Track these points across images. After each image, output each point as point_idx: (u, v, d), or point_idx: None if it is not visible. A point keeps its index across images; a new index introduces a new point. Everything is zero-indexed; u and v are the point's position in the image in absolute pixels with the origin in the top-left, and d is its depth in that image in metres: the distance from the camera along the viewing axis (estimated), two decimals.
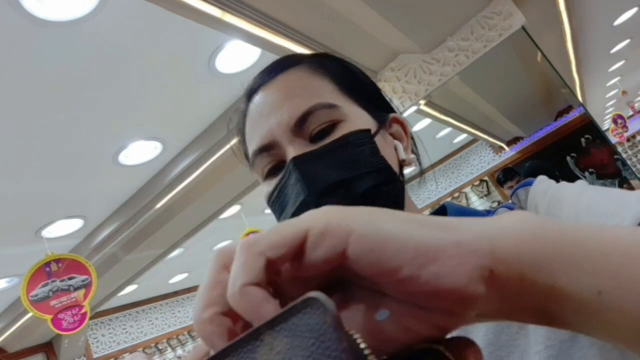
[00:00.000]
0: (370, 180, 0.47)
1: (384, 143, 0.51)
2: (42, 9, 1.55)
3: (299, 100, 0.49)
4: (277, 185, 0.50)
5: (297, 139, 0.49)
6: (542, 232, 0.22)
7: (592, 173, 2.67)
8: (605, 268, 0.21)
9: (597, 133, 2.67)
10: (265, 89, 0.52)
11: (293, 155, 0.47)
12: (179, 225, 3.37)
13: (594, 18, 3.76)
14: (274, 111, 0.49)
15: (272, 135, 0.49)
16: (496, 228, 0.22)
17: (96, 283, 2.73)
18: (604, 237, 0.22)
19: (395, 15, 2.02)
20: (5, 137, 2.07)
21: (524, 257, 0.21)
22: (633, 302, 0.20)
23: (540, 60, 2.48)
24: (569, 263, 0.21)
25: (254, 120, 0.52)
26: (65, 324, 2.64)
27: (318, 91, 0.50)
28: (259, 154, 0.51)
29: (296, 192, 0.47)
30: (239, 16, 1.64)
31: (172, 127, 2.55)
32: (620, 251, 0.22)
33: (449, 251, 0.20)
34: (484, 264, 0.21)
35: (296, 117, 0.48)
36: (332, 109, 0.49)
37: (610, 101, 7.97)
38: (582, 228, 0.23)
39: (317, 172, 0.47)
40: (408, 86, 2.50)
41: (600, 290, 0.21)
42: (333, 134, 0.48)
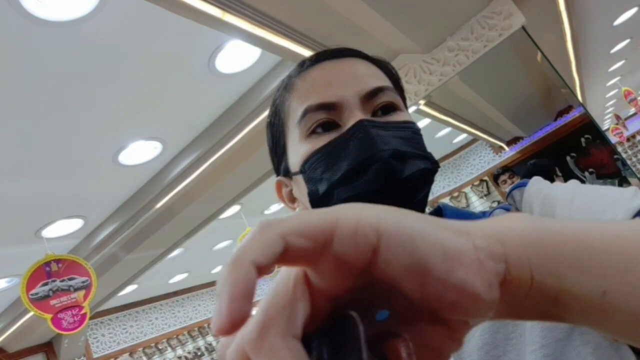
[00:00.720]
0: (428, 164, 0.51)
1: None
2: (42, 9, 1.55)
3: (372, 79, 0.53)
4: (332, 141, 0.49)
5: (363, 109, 0.51)
6: (546, 235, 0.22)
7: (592, 173, 2.67)
8: (608, 267, 0.22)
9: (597, 133, 2.67)
10: (337, 62, 0.55)
11: (362, 118, 0.49)
12: (179, 225, 3.37)
13: (594, 18, 3.76)
14: (347, 79, 0.52)
15: (340, 98, 0.51)
16: (505, 230, 0.22)
17: (96, 285, 2.73)
18: (604, 235, 0.23)
19: (395, 15, 2.02)
20: (5, 137, 2.07)
21: (533, 261, 0.21)
22: (636, 300, 0.21)
23: (540, 60, 2.48)
24: (573, 266, 0.21)
25: (322, 80, 0.53)
26: (65, 323, 2.64)
27: (385, 80, 0.56)
28: (318, 109, 0.51)
29: (361, 149, 0.47)
30: (239, 16, 1.64)
31: (172, 127, 2.55)
32: (621, 249, 0.22)
33: (470, 255, 0.20)
34: (499, 269, 0.21)
35: (368, 89, 0.51)
36: (397, 95, 0.55)
37: (611, 101, 7.97)
38: (583, 227, 0.23)
39: (386, 137, 0.49)
40: (408, 86, 2.50)
41: (605, 290, 0.21)
42: (393, 115, 0.52)
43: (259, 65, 2.35)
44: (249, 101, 2.48)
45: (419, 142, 0.52)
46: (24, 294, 2.54)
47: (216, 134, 2.64)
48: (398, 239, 0.19)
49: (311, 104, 0.51)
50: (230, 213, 3.88)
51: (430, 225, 0.21)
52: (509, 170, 3.08)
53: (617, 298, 0.21)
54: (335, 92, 0.51)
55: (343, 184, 0.48)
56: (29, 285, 2.57)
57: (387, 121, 0.51)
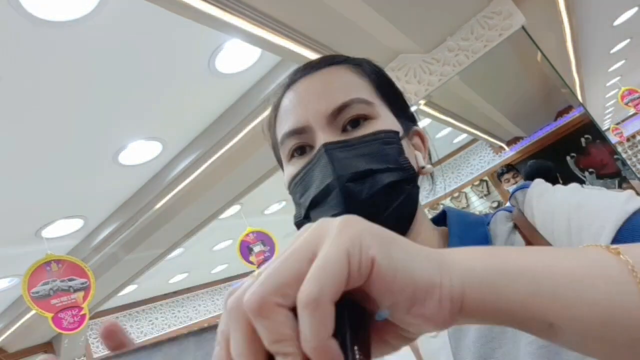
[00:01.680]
0: (394, 175, 0.50)
1: (407, 149, 0.54)
2: (42, 9, 1.55)
3: (338, 93, 0.52)
4: (303, 168, 0.52)
5: (329, 128, 0.51)
6: (501, 276, 0.25)
7: (592, 173, 2.67)
8: (555, 303, 0.25)
9: (597, 133, 2.67)
10: (308, 79, 0.55)
11: (325, 141, 0.50)
12: (179, 225, 3.37)
13: (594, 18, 3.76)
14: (313, 100, 0.53)
15: (307, 121, 0.52)
16: (468, 271, 0.26)
17: (94, 287, 2.73)
18: (555, 273, 0.26)
19: (395, 15, 2.02)
20: (5, 137, 2.07)
21: (487, 300, 0.25)
22: (581, 329, 0.25)
23: (540, 60, 2.48)
24: (523, 303, 0.25)
25: (292, 105, 0.54)
26: (66, 323, 2.64)
27: (357, 88, 0.54)
28: (291, 135, 0.53)
29: (323, 175, 0.49)
30: (239, 16, 1.64)
31: (172, 127, 2.55)
32: (569, 287, 0.25)
33: (435, 294, 0.24)
34: (455, 307, 0.25)
35: (333, 107, 0.51)
36: (367, 105, 0.52)
37: (611, 101, 7.97)
38: (536, 264, 0.26)
39: (346, 159, 0.49)
40: (408, 86, 2.50)
41: (552, 323, 0.25)
42: (364, 127, 0.52)
43: (259, 65, 2.35)
44: (249, 101, 2.48)
45: (387, 154, 0.51)
46: (25, 292, 2.55)
47: (216, 134, 2.64)
48: (384, 273, 0.24)
49: (285, 131, 0.53)
50: (230, 213, 3.88)
51: (414, 258, 0.25)
52: (513, 169, 3.07)
53: (563, 329, 0.25)
54: (303, 116, 0.52)
55: (313, 209, 0.51)
56: (30, 284, 2.58)
57: (351, 138, 0.51)
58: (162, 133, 2.56)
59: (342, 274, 0.23)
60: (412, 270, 0.24)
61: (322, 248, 0.24)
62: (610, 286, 0.25)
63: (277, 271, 0.23)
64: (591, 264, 0.27)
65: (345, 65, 0.56)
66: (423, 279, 0.24)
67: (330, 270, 0.22)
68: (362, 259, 0.23)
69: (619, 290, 0.25)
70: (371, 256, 0.24)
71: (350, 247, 0.23)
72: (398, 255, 0.24)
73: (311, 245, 0.24)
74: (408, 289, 0.24)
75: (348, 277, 0.23)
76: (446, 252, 0.27)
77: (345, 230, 0.24)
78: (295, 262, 0.24)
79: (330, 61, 0.57)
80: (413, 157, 0.55)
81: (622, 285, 0.25)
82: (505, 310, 0.25)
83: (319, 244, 0.24)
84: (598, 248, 0.28)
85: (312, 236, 0.25)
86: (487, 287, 0.25)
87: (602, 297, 0.25)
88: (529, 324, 0.25)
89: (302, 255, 0.24)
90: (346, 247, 0.23)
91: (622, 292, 0.25)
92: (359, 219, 0.26)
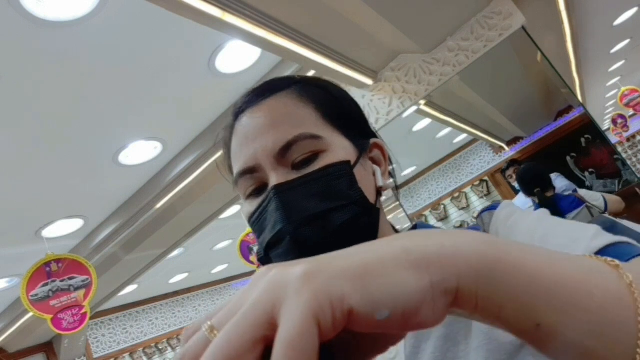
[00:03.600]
0: (347, 212, 0.49)
1: (363, 172, 0.53)
2: (42, 9, 1.55)
3: (285, 129, 0.51)
4: (258, 208, 0.52)
5: (279, 166, 0.51)
6: (496, 268, 0.24)
7: (593, 173, 2.67)
8: (546, 304, 0.24)
9: (597, 133, 2.67)
10: (253, 112, 0.54)
11: (275, 183, 0.49)
12: (179, 225, 3.37)
13: (594, 18, 3.76)
14: (260, 136, 0.51)
15: (257, 160, 0.51)
16: (463, 262, 0.24)
17: (96, 283, 2.73)
18: (550, 272, 0.25)
19: (395, 15, 2.02)
20: (5, 137, 2.07)
21: (480, 292, 0.24)
22: (568, 335, 0.24)
23: (540, 60, 2.48)
24: (514, 299, 0.24)
25: (240, 141, 0.53)
26: (65, 323, 2.64)
27: (303, 120, 0.52)
28: (243, 175, 0.53)
29: (275, 220, 0.49)
30: (239, 16, 1.64)
31: (172, 127, 2.55)
32: (561, 289, 0.24)
33: (427, 297, 0.23)
34: (449, 300, 0.24)
35: (280, 145, 0.50)
36: (315, 140, 0.51)
37: (611, 101, 7.97)
38: (532, 262, 0.25)
39: (296, 202, 0.48)
40: (408, 86, 2.50)
41: (539, 323, 0.24)
42: (315, 163, 0.50)
43: (259, 65, 2.35)
44: None
45: (338, 189, 0.49)
46: (24, 295, 2.54)
47: (217, 134, 2.64)
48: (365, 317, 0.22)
49: (238, 171, 0.53)
50: (230, 213, 3.88)
51: (394, 277, 0.23)
52: (518, 164, 3.05)
53: (550, 331, 0.24)
54: (252, 154, 0.51)
55: (271, 251, 0.51)
56: (29, 286, 2.58)
57: (300, 177, 0.50)
58: (162, 133, 2.56)
59: (314, 344, 0.21)
60: (396, 295, 0.23)
61: (283, 313, 0.21)
62: (606, 297, 0.24)
63: (231, 338, 0.21)
64: (590, 272, 0.26)
65: (289, 92, 0.54)
66: (411, 297, 0.23)
67: (300, 345, 0.20)
68: (336, 315, 0.22)
69: (614, 302, 0.24)
70: (347, 308, 0.22)
71: (318, 308, 0.21)
72: (376, 288, 0.23)
73: (268, 306, 0.22)
74: (397, 312, 0.22)
75: (320, 339, 0.21)
76: (436, 238, 0.25)
77: (307, 286, 0.22)
78: (251, 327, 0.21)
79: (274, 88, 0.55)
80: (370, 178, 0.54)
81: (618, 298, 0.25)
82: (497, 304, 0.24)
83: (276, 304, 0.22)
84: (597, 259, 0.28)
85: (268, 294, 0.22)
86: (482, 278, 0.24)
87: (597, 306, 0.24)
88: (517, 322, 0.24)
89: (259, 319, 0.22)
90: (313, 311, 0.21)
91: (618, 306, 0.24)
92: (320, 264, 0.23)
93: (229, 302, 0.24)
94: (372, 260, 0.24)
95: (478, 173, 4.99)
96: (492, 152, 4.81)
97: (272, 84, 0.56)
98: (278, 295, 0.22)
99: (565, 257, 0.27)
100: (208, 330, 0.23)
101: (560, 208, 2.21)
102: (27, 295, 2.56)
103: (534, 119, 3.08)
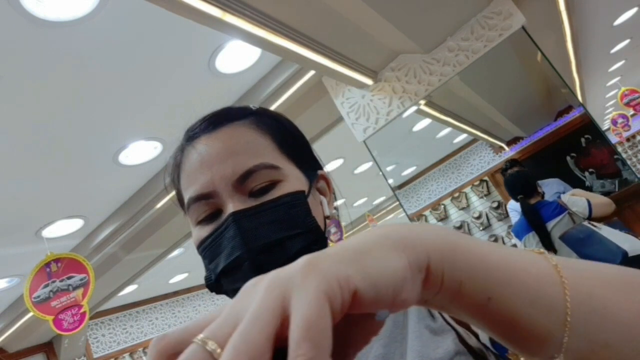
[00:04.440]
0: (303, 240, 0.51)
1: (313, 201, 0.55)
2: (42, 9, 1.55)
3: (244, 158, 0.52)
4: (212, 234, 0.52)
5: (237, 194, 0.51)
6: (456, 250, 0.29)
7: (592, 173, 2.67)
8: (496, 280, 0.28)
9: (597, 133, 2.67)
10: (210, 138, 0.54)
11: (232, 211, 0.50)
12: (179, 225, 3.37)
13: (594, 18, 3.76)
14: (217, 163, 0.52)
15: (214, 186, 0.51)
16: (431, 244, 0.28)
17: (94, 281, 2.72)
18: (499, 255, 0.29)
19: (395, 15, 2.02)
20: (5, 137, 2.07)
21: (445, 269, 0.28)
22: (514, 307, 0.28)
23: (540, 60, 2.48)
24: (471, 276, 0.28)
25: (195, 166, 0.53)
26: (66, 324, 2.64)
27: (261, 150, 0.53)
28: (197, 200, 0.53)
29: (232, 247, 0.50)
30: (239, 16, 1.64)
31: (172, 127, 2.55)
32: (509, 267, 0.29)
33: (408, 275, 0.26)
34: (423, 276, 0.27)
35: (239, 173, 0.51)
36: (273, 170, 0.52)
37: (611, 101, 7.97)
38: (486, 248, 0.30)
39: (254, 229, 0.50)
40: (408, 86, 2.50)
41: (490, 297, 0.28)
42: (272, 192, 0.52)
43: (259, 65, 2.35)
44: (249, 101, 2.48)
45: (294, 218, 0.51)
46: (27, 298, 2.55)
47: None
48: (368, 295, 0.24)
49: (191, 195, 0.53)
50: None
51: (384, 258, 0.25)
52: (518, 164, 3.05)
53: (498, 305, 0.28)
54: (208, 180, 0.52)
55: (224, 277, 0.52)
56: (32, 288, 2.59)
57: (258, 205, 0.51)
58: (162, 133, 2.56)
59: (329, 325, 0.21)
60: (388, 274, 0.25)
61: (294, 303, 0.21)
62: (539, 273, 0.29)
63: (248, 338, 0.20)
64: (524, 256, 0.31)
65: (247, 122, 0.56)
66: (398, 274, 0.25)
67: (321, 325, 0.20)
68: (344, 295, 0.22)
69: (546, 278, 0.29)
70: (353, 288, 0.23)
71: (329, 289, 0.22)
72: (373, 269, 0.24)
73: (277, 301, 0.22)
74: (389, 290, 0.25)
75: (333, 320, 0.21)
76: (406, 227, 0.29)
77: (314, 273, 0.22)
78: (267, 325, 0.21)
79: (231, 117, 0.56)
80: (319, 208, 0.56)
81: (548, 274, 0.30)
82: (457, 280, 0.28)
83: (286, 298, 0.22)
84: (525, 249, 0.33)
85: (274, 290, 0.22)
86: (446, 257, 0.28)
87: (533, 279, 0.29)
88: (473, 296, 0.28)
89: (275, 313, 0.21)
90: (324, 291, 0.22)
91: (549, 281, 0.29)
92: (318, 255, 0.24)
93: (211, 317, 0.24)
94: (361, 247, 0.26)
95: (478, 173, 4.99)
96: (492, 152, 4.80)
97: (229, 112, 0.58)
98: (286, 288, 0.22)
99: (503, 246, 0.32)
100: (201, 343, 0.22)
101: (542, 215, 2.21)
102: (30, 297, 2.57)
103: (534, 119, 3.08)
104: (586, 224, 2.06)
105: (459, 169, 5.16)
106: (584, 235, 2.00)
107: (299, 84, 2.50)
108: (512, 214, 2.90)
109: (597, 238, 1.95)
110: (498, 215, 3.53)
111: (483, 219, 3.65)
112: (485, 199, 5.04)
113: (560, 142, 2.82)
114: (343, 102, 2.66)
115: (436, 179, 4.65)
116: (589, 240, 1.97)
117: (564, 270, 0.30)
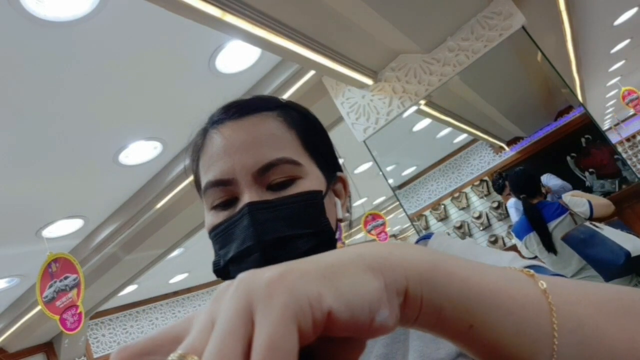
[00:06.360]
0: (313, 240, 0.51)
1: (329, 202, 0.55)
2: (42, 9, 1.55)
3: (267, 150, 0.52)
4: (226, 221, 0.52)
5: (255, 185, 0.51)
6: (437, 275, 0.27)
7: (593, 173, 2.67)
8: (477, 307, 0.27)
9: (597, 133, 2.67)
10: (235, 126, 0.54)
11: (249, 201, 0.50)
12: (179, 225, 3.37)
13: (594, 18, 3.76)
14: (240, 151, 0.52)
15: (233, 174, 0.51)
16: (410, 267, 0.26)
17: (84, 282, 2.71)
18: (482, 280, 0.28)
19: (395, 15, 2.02)
20: (5, 137, 2.07)
21: (424, 294, 0.26)
22: (495, 334, 0.27)
23: (540, 60, 2.48)
24: (452, 303, 0.27)
25: (217, 152, 0.53)
26: (69, 323, 2.66)
27: (285, 144, 0.53)
28: (215, 185, 0.53)
29: (244, 237, 0.50)
30: (239, 16, 1.64)
31: (172, 127, 2.55)
32: (491, 295, 0.27)
33: (384, 297, 0.24)
34: (400, 300, 0.26)
35: (261, 164, 0.51)
36: (294, 166, 0.52)
37: (611, 101, 7.97)
38: (468, 271, 0.28)
39: (267, 222, 0.50)
40: (408, 86, 2.50)
41: (472, 324, 0.27)
42: (291, 188, 0.52)
43: (259, 65, 2.35)
44: None
45: (309, 217, 0.51)
46: (39, 298, 2.62)
47: None
48: (342, 316, 0.22)
49: (210, 179, 0.53)
50: None
51: (359, 278, 0.24)
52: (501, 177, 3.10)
53: (481, 332, 0.27)
54: (229, 167, 0.52)
55: (233, 264, 0.52)
56: (41, 289, 2.63)
57: (275, 199, 0.51)
58: (162, 133, 2.56)
59: (294, 347, 0.20)
60: (363, 294, 0.23)
61: (259, 319, 0.20)
62: (526, 300, 0.28)
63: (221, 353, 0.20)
64: (511, 279, 0.29)
65: (273, 114, 0.55)
66: (373, 295, 0.24)
67: (285, 346, 0.19)
68: (316, 315, 0.21)
69: (533, 305, 0.28)
70: (327, 308, 0.22)
71: (297, 308, 0.21)
72: (347, 288, 0.23)
73: (243, 317, 0.21)
74: (365, 311, 0.23)
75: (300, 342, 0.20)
76: (385, 247, 0.27)
77: (282, 288, 0.21)
78: (231, 345, 0.20)
79: (259, 107, 0.56)
80: (333, 209, 0.56)
81: (536, 302, 0.28)
82: (437, 306, 0.26)
83: (249, 312, 0.21)
84: (515, 269, 0.31)
85: (239, 303, 0.21)
86: (425, 281, 0.26)
87: (518, 307, 0.27)
88: (454, 324, 0.27)
89: (237, 333, 0.20)
90: (293, 310, 0.20)
91: (536, 308, 0.28)
92: (289, 266, 0.23)
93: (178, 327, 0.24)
94: (336, 263, 0.24)
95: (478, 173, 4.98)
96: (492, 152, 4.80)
97: (257, 101, 0.57)
98: (252, 299, 0.21)
99: (491, 267, 0.30)
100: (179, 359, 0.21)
101: (543, 215, 2.21)
102: (41, 297, 2.60)
103: (534, 119, 3.08)
104: (588, 224, 2.06)
105: (459, 169, 5.16)
106: (587, 235, 2.00)
107: (299, 83, 2.50)
108: (511, 211, 2.91)
109: (599, 239, 1.95)
110: (498, 215, 3.53)
111: (483, 219, 3.64)
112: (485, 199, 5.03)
113: (560, 142, 2.82)
114: (343, 102, 2.66)
115: (436, 179, 4.65)
116: (592, 241, 1.97)
117: (553, 296, 0.28)
